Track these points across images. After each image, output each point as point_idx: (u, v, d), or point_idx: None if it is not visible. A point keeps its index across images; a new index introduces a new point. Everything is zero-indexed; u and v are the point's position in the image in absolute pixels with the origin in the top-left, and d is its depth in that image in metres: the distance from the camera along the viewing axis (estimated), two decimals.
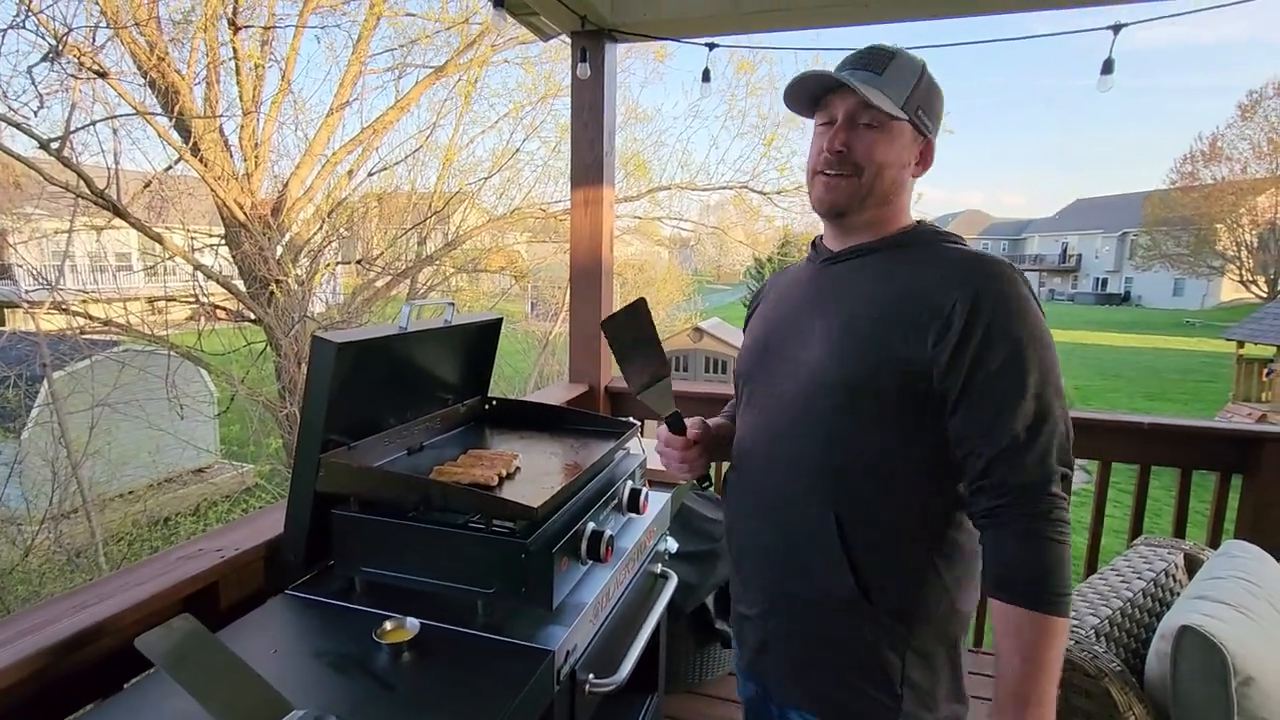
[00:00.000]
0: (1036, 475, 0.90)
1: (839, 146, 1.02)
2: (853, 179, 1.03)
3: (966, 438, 0.94)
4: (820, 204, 1.07)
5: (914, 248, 1.05)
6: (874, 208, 1.05)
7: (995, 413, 0.91)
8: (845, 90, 1.01)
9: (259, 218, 7.70)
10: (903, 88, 1.02)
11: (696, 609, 2.10)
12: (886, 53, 1.04)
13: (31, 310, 6.55)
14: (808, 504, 1.02)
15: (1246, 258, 30.90)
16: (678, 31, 2.56)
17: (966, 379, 0.93)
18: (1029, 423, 0.90)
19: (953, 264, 0.99)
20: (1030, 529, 0.89)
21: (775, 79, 9.73)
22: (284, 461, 8.16)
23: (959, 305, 0.93)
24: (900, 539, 0.99)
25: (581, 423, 1.71)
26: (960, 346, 0.92)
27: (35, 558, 6.22)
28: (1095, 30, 2.05)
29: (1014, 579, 0.90)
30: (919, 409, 0.97)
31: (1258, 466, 2.14)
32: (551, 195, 9.56)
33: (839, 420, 1.00)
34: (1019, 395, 0.91)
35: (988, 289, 0.94)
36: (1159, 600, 1.64)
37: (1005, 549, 0.91)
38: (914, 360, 0.95)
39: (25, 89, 5.80)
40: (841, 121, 1.03)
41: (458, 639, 1.09)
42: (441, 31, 8.34)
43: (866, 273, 1.06)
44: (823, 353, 1.02)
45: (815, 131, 1.08)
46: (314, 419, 1.18)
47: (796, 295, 1.15)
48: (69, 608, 1.05)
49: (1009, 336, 0.92)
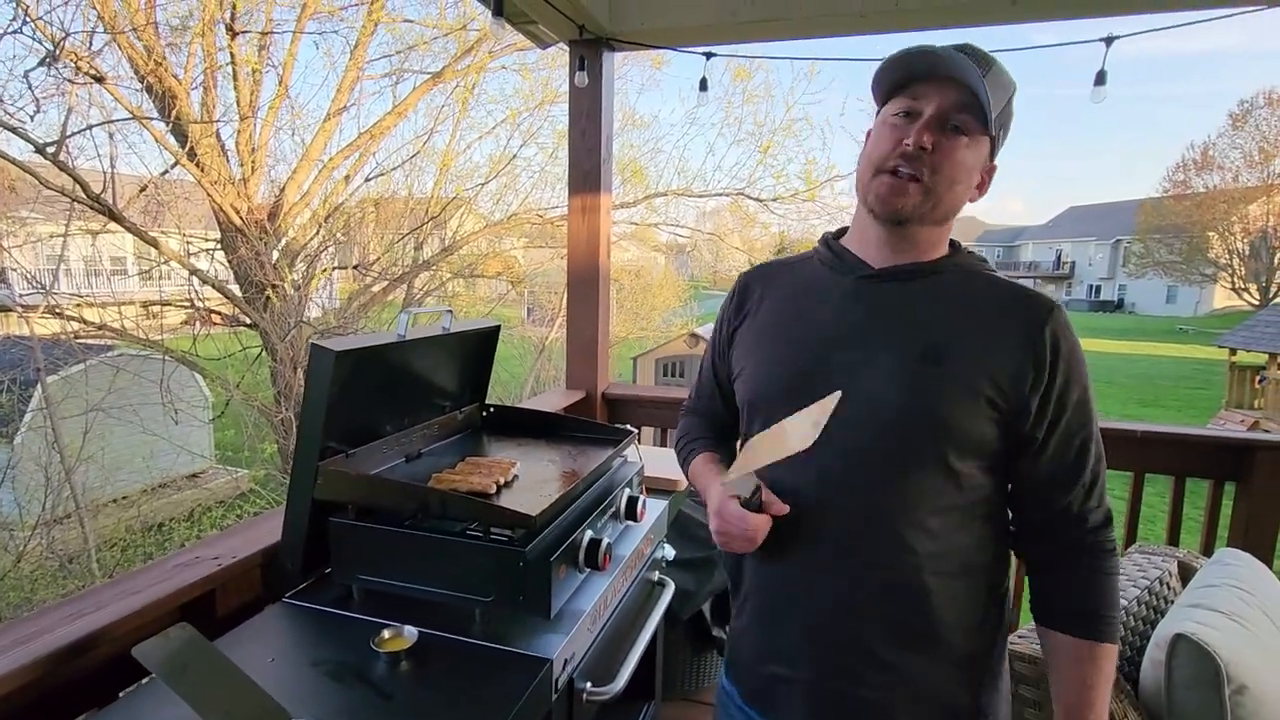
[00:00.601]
0: (1101, 516, 0.93)
1: (925, 143, 0.88)
2: (922, 184, 0.90)
3: (1045, 483, 0.93)
4: (884, 206, 0.92)
5: (971, 275, 0.97)
6: (936, 223, 0.95)
7: (1077, 458, 0.92)
8: (946, 82, 0.89)
9: (255, 222, 7.70)
10: (1001, 98, 0.91)
11: (693, 616, 2.11)
12: (986, 55, 0.91)
13: (26, 314, 6.53)
14: (885, 550, 0.92)
15: (1239, 265, 31.15)
16: (675, 40, 2.58)
17: (1051, 423, 0.91)
18: (1094, 464, 0.93)
19: (1030, 300, 0.93)
20: (1100, 566, 0.92)
21: (771, 87, 9.81)
22: (279, 467, 8.13)
23: (1048, 349, 0.89)
24: (973, 580, 0.95)
25: (579, 430, 1.71)
26: (1048, 391, 0.90)
27: (27, 564, 6.17)
28: (1089, 42, 2.07)
29: (1089, 613, 0.92)
30: (1008, 454, 0.93)
31: (1250, 474, 2.16)
32: (548, 201, 9.59)
33: (934, 464, 0.91)
34: (1090, 439, 0.92)
35: (1063, 332, 0.91)
36: (1153, 608, 1.65)
37: (1076, 585, 0.93)
38: (1012, 406, 0.90)
39: (21, 93, 5.81)
40: (932, 116, 0.89)
41: (456, 647, 1.09)
42: (439, 38, 8.38)
43: (930, 297, 0.95)
44: (906, 391, 0.91)
45: (888, 121, 0.93)
46: (312, 426, 1.18)
47: (833, 314, 0.99)
48: (65, 616, 1.05)
49: (1080, 381, 0.92)
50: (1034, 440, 0.91)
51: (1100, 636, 0.91)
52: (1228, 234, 30.80)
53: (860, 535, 0.94)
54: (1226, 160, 32.41)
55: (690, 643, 2.18)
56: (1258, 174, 31.03)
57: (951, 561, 0.93)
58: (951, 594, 0.93)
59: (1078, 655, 0.92)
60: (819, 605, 0.97)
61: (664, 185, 9.98)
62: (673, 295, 14.70)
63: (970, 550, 0.94)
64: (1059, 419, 0.91)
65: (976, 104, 0.87)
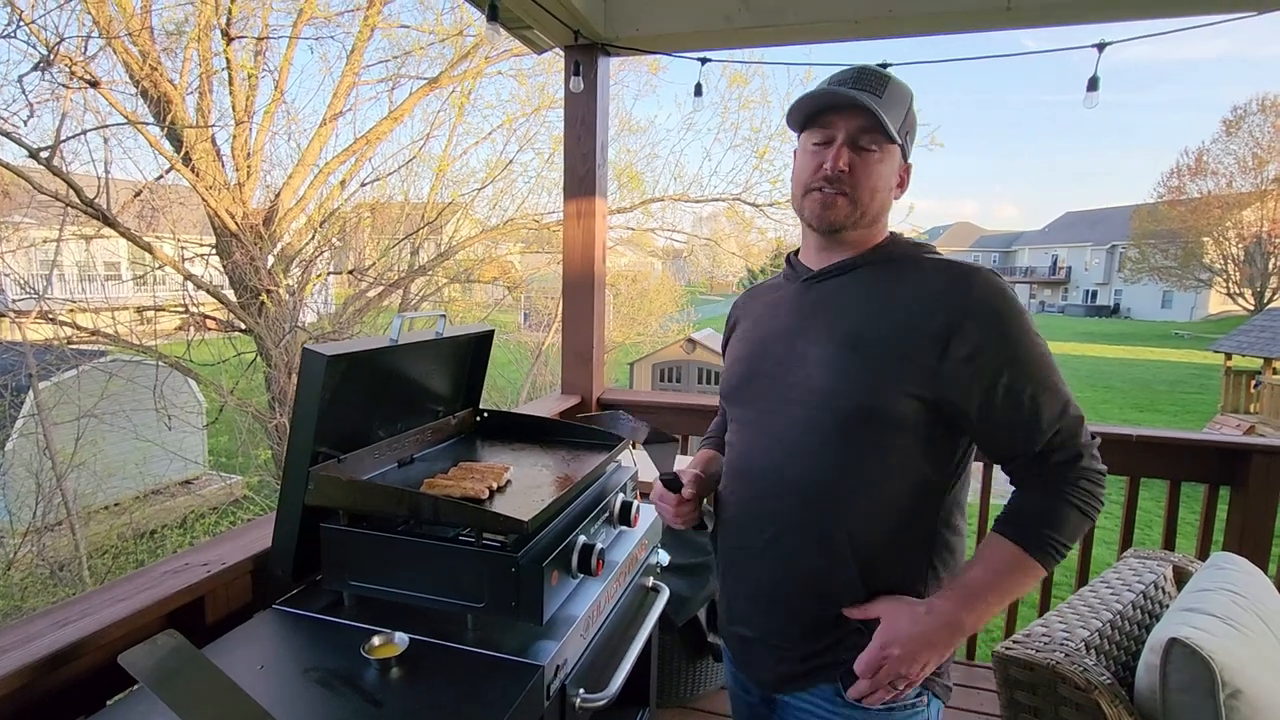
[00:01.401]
0: (1073, 451, 0.97)
1: (843, 166, 1.02)
2: (848, 198, 1.03)
3: (1007, 441, 0.99)
4: (819, 220, 1.06)
5: (899, 260, 1.07)
6: (865, 227, 1.07)
7: (1032, 413, 0.96)
8: (850, 110, 1.01)
9: (250, 227, 7.69)
10: (900, 112, 1.03)
11: (688, 622, 2.10)
12: (881, 76, 1.04)
13: (18, 320, 6.49)
14: (822, 522, 1.03)
15: (1234, 270, 31.31)
16: (671, 46, 2.59)
17: (990, 386, 0.96)
18: (1054, 414, 0.97)
19: (949, 274, 1.01)
20: (1055, 488, 0.97)
21: (768, 92, 9.87)
22: (273, 473, 8.10)
23: (962, 313, 0.96)
24: (907, 547, 1.03)
25: (573, 435, 1.70)
26: (980, 356, 0.95)
27: (17, 571, 6.12)
28: (1081, 48, 2.09)
29: (1025, 520, 0.98)
30: (934, 422, 0.99)
31: (1245, 478, 2.16)
32: (545, 206, 9.60)
33: (855, 443, 1.01)
34: (1041, 390, 0.96)
35: (983, 295, 0.97)
36: (1148, 613, 1.65)
37: (1031, 500, 0.99)
38: (932, 378, 0.97)
39: (15, 98, 5.79)
40: (844, 140, 1.02)
41: (447, 654, 1.09)
42: (435, 44, 8.39)
43: (856, 289, 1.07)
44: (829, 377, 1.02)
45: (807, 149, 1.07)
46: (303, 432, 1.17)
47: (781, 316, 1.15)
48: (51, 623, 1.04)
49: (1013, 337, 0.96)
50: (972, 401, 0.97)
51: (1029, 546, 0.96)
52: (1222, 239, 30.98)
53: (804, 506, 1.05)
54: (1221, 166, 32.64)
55: (685, 649, 2.17)
56: (1251, 179, 31.25)
57: (893, 527, 1.02)
58: (890, 560, 1.03)
59: (1001, 552, 0.98)
60: (766, 568, 1.10)
61: (660, 190, 10.02)
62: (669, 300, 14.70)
63: (910, 517, 1.02)
64: (996, 378, 0.95)
65: (879, 124, 1.00)
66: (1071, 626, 1.51)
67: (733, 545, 1.16)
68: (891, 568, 1.03)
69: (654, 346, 13.70)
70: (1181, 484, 2.31)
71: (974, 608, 0.97)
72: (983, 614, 0.98)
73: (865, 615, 1.02)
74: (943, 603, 0.98)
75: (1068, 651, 1.41)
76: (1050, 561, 0.97)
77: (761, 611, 1.12)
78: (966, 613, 0.97)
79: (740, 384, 1.17)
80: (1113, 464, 1.04)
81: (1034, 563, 0.96)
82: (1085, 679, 1.34)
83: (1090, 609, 1.59)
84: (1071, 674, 1.35)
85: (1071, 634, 1.47)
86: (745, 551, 1.13)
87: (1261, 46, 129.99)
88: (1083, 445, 0.98)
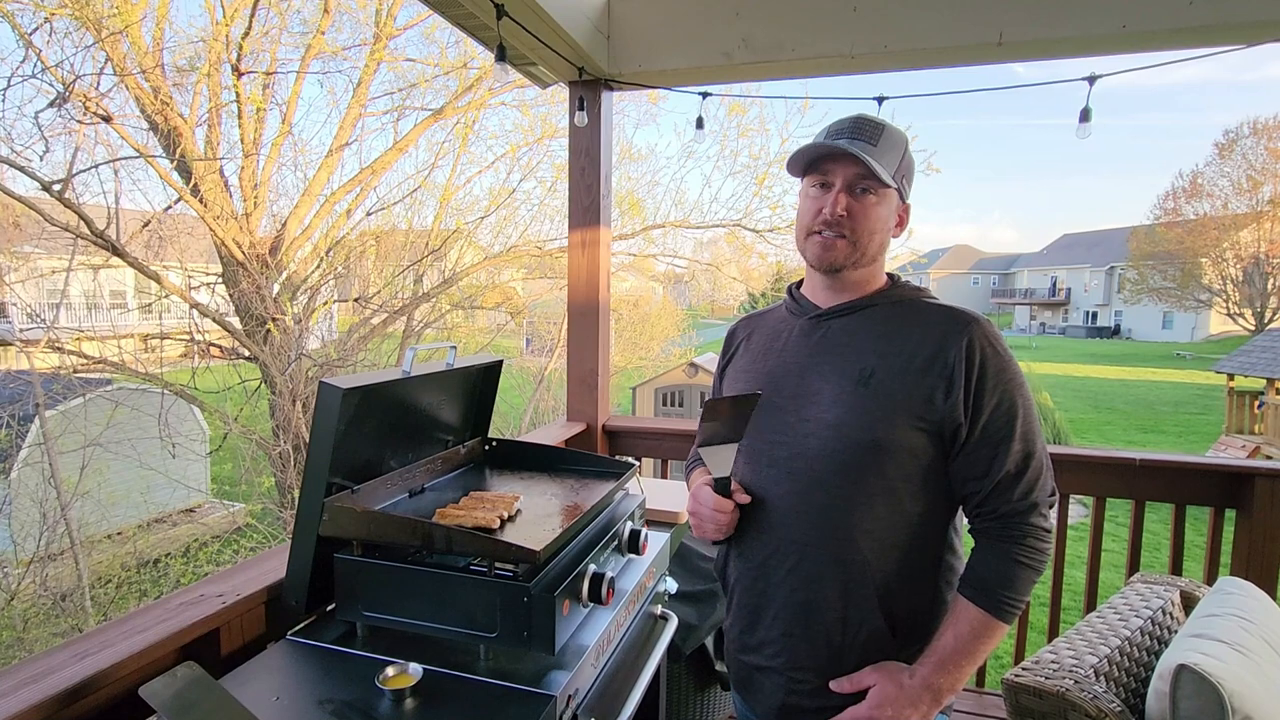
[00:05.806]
0: (1021, 506, 1.05)
1: (841, 211, 1.09)
2: (848, 240, 1.11)
3: (969, 477, 1.07)
4: (820, 262, 1.14)
5: (905, 304, 1.15)
6: (864, 266, 1.15)
7: (993, 454, 1.05)
8: (847, 159, 1.08)
9: (257, 256, 7.77)
10: (894, 158, 1.11)
11: (696, 650, 2.09)
12: (877, 124, 1.11)
13: (26, 349, 6.54)
14: (841, 552, 1.08)
15: (1233, 291, 31.40)
16: (672, 81, 2.65)
17: (971, 425, 1.05)
18: (1018, 461, 1.05)
19: (949, 320, 1.09)
20: (1006, 550, 1.05)
21: (766, 121, 10.00)
22: (275, 500, 8.07)
23: (963, 360, 1.04)
24: (919, 571, 1.10)
25: (581, 463, 1.72)
26: (967, 398, 1.04)
27: (20, 602, 6.08)
28: (1072, 81, 2.14)
29: (985, 585, 1.05)
30: (937, 453, 1.07)
31: (1250, 502, 2.16)
32: (547, 233, 9.69)
33: (869, 473, 1.06)
34: (1012, 439, 1.04)
35: (980, 343, 1.06)
36: (1157, 639, 1.64)
37: (986, 562, 1.06)
38: (939, 415, 1.05)
39: (30, 132, 5.92)
40: (841, 187, 1.10)
41: (460, 684, 1.09)
42: (440, 76, 8.55)
43: (866, 329, 1.13)
44: (844, 411, 1.08)
45: (808, 193, 1.14)
46: (319, 463, 1.19)
47: (790, 351, 1.19)
48: (71, 656, 1.05)
49: (1000, 387, 1.05)
50: (958, 440, 1.06)
51: (991, 610, 1.04)
52: (1220, 260, 31.12)
53: (822, 537, 1.09)
54: (1215, 188, 32.95)
55: (693, 677, 2.15)
56: (1246, 201, 31.49)
57: (907, 557, 1.08)
58: (904, 587, 1.08)
59: (967, 617, 1.05)
60: (785, 596, 1.14)
61: (661, 217, 10.11)
62: (671, 325, 14.74)
63: (922, 545, 1.09)
64: (978, 421, 1.04)
65: (873, 172, 1.07)
66: (1080, 653, 1.51)
67: (753, 573, 1.19)
68: (907, 593, 1.08)
69: (656, 370, 13.71)
70: (1187, 507, 2.31)
71: (949, 672, 1.05)
72: (958, 679, 1.06)
73: (858, 686, 1.08)
74: (922, 669, 1.06)
75: (1077, 679, 1.41)
76: (1011, 619, 1.05)
77: (778, 639, 1.15)
78: (943, 677, 1.05)
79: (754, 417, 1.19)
80: (1116, 489, 1.09)
81: (998, 623, 1.04)
82: (1096, 706, 1.34)
83: (1099, 635, 1.59)
84: (1082, 701, 1.35)
85: (1081, 661, 1.48)
86: (766, 580, 1.16)
87: (1249, 71, 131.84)
88: (1037, 499, 1.05)
